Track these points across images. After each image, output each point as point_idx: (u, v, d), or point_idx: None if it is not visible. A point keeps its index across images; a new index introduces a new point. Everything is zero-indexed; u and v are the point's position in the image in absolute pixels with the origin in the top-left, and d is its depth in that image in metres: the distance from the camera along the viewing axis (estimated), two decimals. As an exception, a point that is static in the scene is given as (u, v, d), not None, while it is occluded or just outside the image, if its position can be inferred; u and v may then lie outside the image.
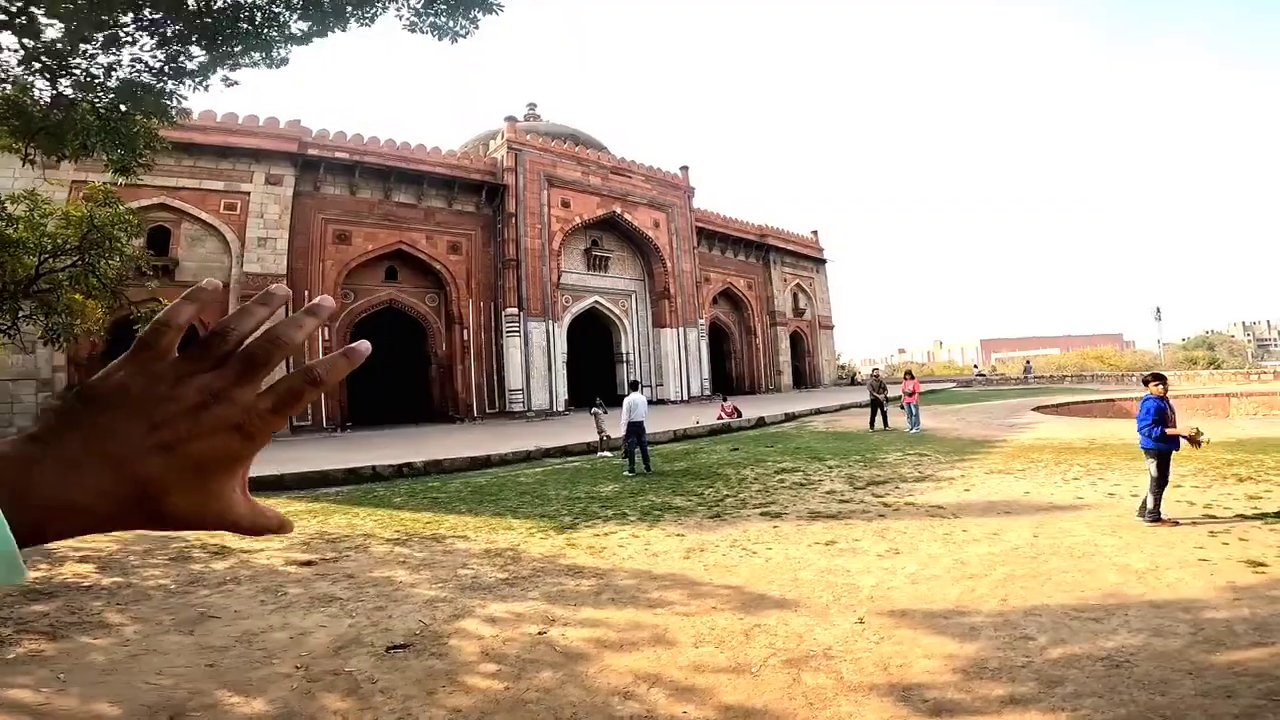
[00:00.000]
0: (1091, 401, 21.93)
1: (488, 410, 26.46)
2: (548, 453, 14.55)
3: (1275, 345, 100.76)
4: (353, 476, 12.36)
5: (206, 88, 7.24)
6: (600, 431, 14.68)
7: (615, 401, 31.80)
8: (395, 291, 26.11)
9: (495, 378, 26.85)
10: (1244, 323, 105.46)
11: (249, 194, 22.92)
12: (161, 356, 0.44)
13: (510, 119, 28.07)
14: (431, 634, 4.51)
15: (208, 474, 0.42)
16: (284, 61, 7.06)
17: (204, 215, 22.41)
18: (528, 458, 14.20)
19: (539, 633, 4.49)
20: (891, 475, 10.04)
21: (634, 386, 12.91)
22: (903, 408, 15.75)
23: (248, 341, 0.44)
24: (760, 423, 19.22)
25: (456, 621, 4.75)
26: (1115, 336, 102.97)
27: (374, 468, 12.69)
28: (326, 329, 23.86)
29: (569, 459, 14.07)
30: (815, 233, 45.35)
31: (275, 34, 6.79)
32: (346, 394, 25.22)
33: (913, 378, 15.89)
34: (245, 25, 6.58)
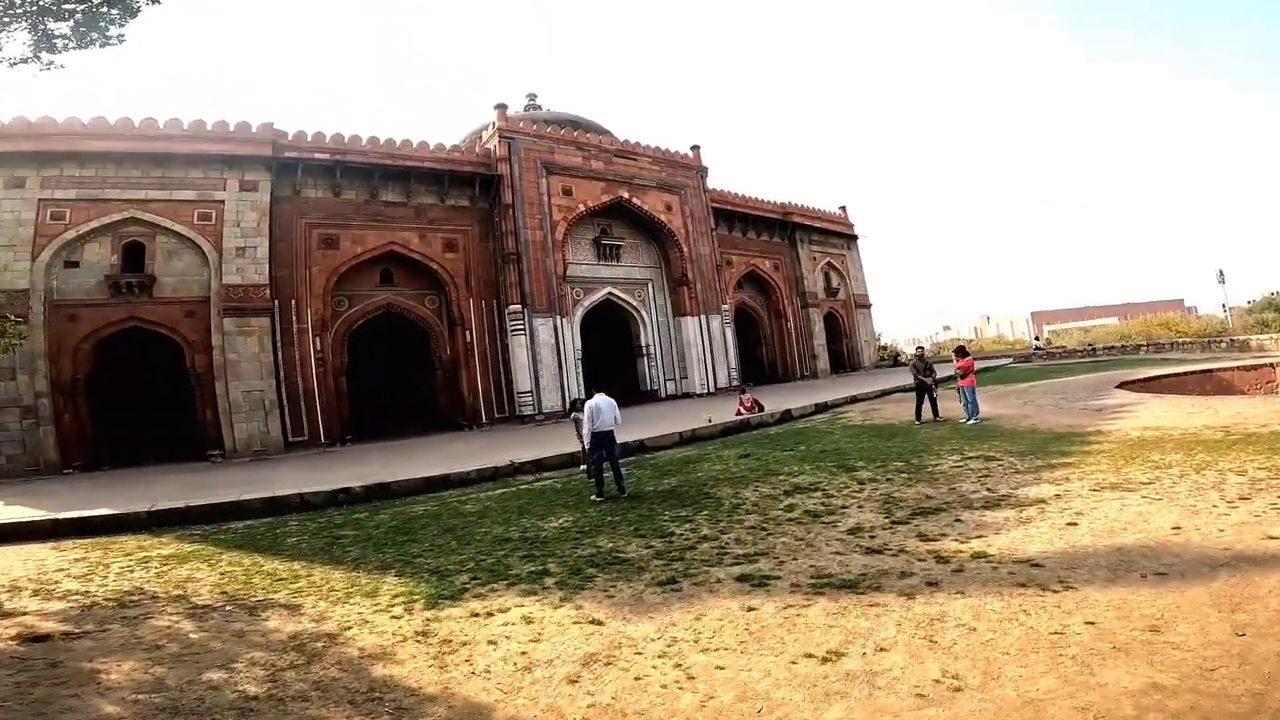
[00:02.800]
0: (1185, 374, 17.99)
1: (496, 415, 23.92)
2: (520, 469, 11.80)
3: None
4: (274, 507, 9.91)
5: None
6: (583, 441, 11.84)
7: (637, 400, 29.13)
8: (392, 295, 23.78)
9: (502, 380, 24.28)
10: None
11: (223, 202, 20.86)
12: None
13: (500, 106, 25.41)
14: None
15: None
16: None
17: (178, 227, 20.42)
18: (495, 475, 11.48)
19: None
20: (948, 495, 6.90)
21: (599, 388, 9.83)
22: (957, 392, 12.38)
23: None
24: (786, 417, 16.05)
25: None
26: (1176, 303, 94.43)
27: (302, 496, 10.18)
28: (319, 339, 21.74)
29: (544, 475, 11.29)
30: (844, 208, 41.36)
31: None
32: (349, 406, 23.03)
33: (966, 354, 12.51)
34: None
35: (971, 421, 11.77)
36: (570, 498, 9.07)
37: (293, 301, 21.33)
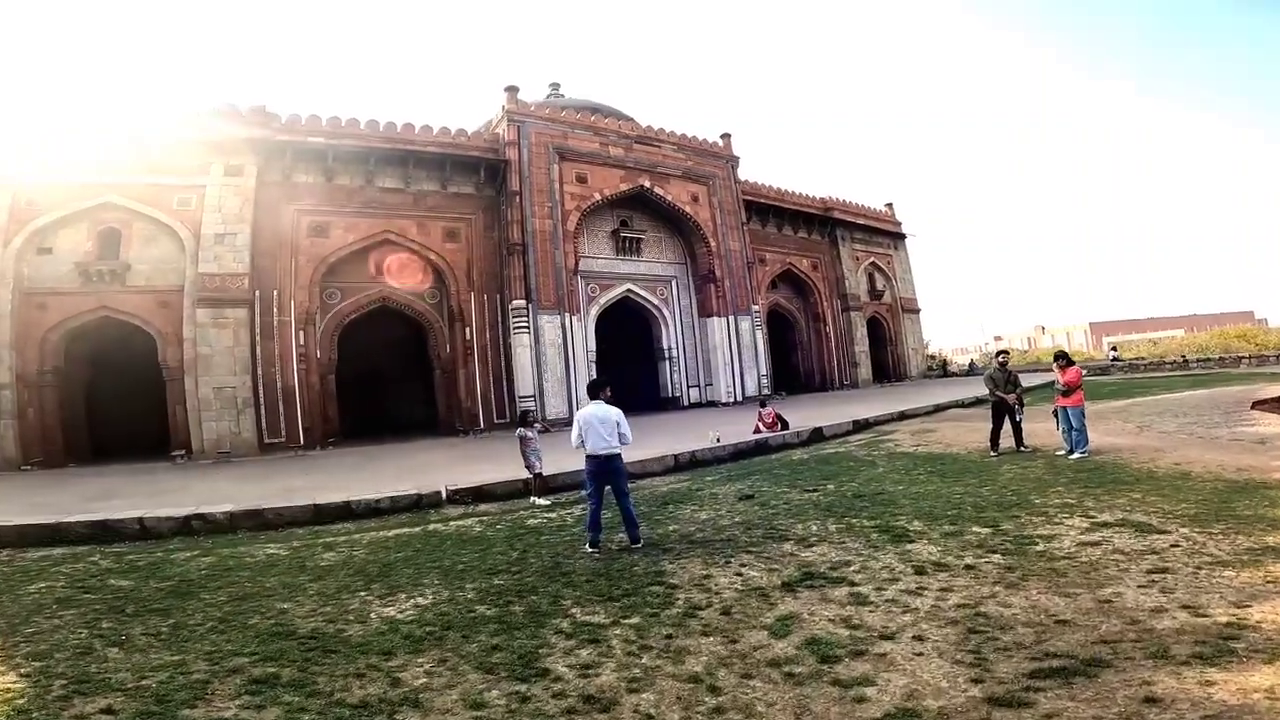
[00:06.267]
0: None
1: (496, 421, 20.92)
2: (454, 497, 8.61)
3: None
4: (103, 533, 7.12)
5: None
6: (530, 466, 8.61)
7: (656, 408, 25.56)
8: (387, 288, 21.11)
9: (504, 382, 21.30)
10: None
11: (205, 187, 18.54)
12: None
13: (511, 89, 22.52)
14: None
15: None
16: None
17: (156, 213, 18.19)
18: (417, 504, 8.35)
19: None
20: (1095, 618, 3.37)
21: (591, 392, 6.42)
22: (1054, 414, 8.54)
23: None
24: (815, 437, 12.43)
25: None
26: (1246, 314, 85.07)
27: (141, 521, 7.35)
28: (303, 334, 19.18)
29: (477, 509, 8.07)
30: (890, 205, 37.03)
31: None
32: (337, 407, 20.42)
33: (1072, 363, 8.67)
34: None
35: (1077, 455, 7.99)
36: (473, 553, 5.86)
37: (275, 292, 18.83)
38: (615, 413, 5.95)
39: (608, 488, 5.86)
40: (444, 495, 8.62)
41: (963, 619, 3.61)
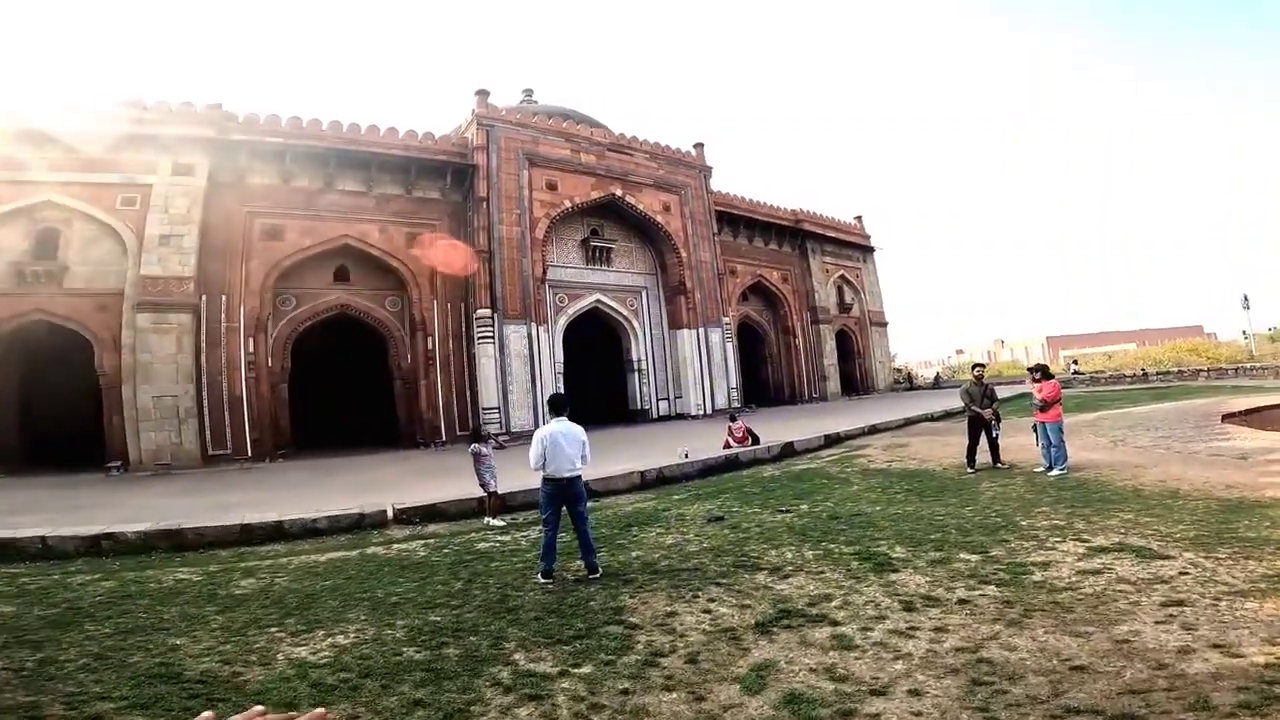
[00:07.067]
0: (1299, 403, 13.70)
1: (459, 433, 20.03)
2: (401, 516, 7.89)
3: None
4: (1, 552, 6.19)
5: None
6: (484, 484, 7.96)
7: (624, 420, 24.87)
8: (347, 295, 20.18)
9: (467, 394, 20.49)
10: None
11: (151, 186, 17.46)
12: None
13: (482, 92, 21.91)
14: None
15: None
16: None
17: (96, 212, 17.05)
18: (359, 524, 7.61)
19: None
20: (1116, 663, 2.88)
21: (556, 408, 5.64)
22: (1034, 429, 8.19)
23: None
24: (786, 452, 11.99)
25: None
26: (1195, 329, 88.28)
27: (44, 540, 6.51)
28: (253, 341, 18.13)
29: (427, 529, 7.37)
30: (859, 218, 37.23)
31: None
32: (289, 418, 19.36)
33: (1049, 377, 8.37)
34: None
35: (1056, 472, 7.65)
36: (412, 582, 5.20)
37: (224, 297, 17.78)
38: (581, 431, 5.42)
39: (565, 510, 5.28)
40: (390, 515, 7.90)
41: (964, 666, 3.11)
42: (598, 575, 5.10)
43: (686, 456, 10.72)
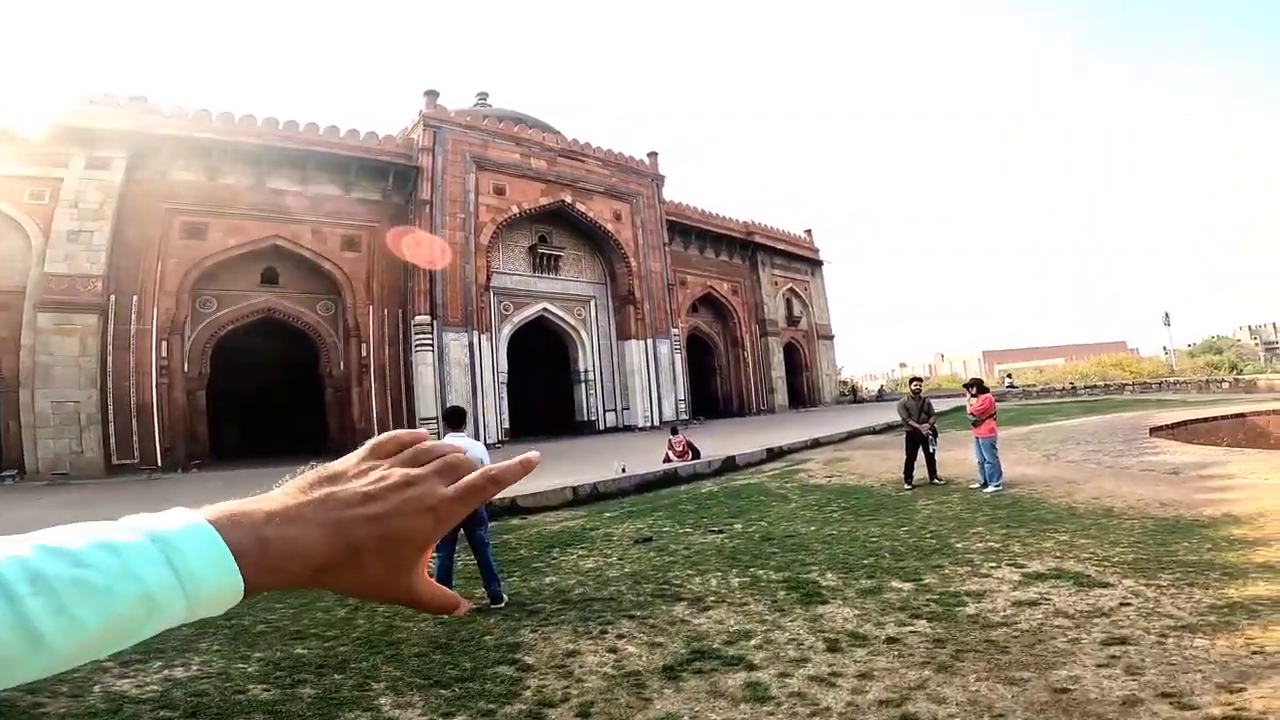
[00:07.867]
0: (1217, 419, 14.17)
1: (395, 446, 19.04)
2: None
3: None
4: None
5: None
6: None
7: (570, 432, 24.20)
8: (274, 298, 19.01)
9: (403, 403, 19.54)
10: (1250, 326, 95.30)
11: (62, 180, 16.05)
12: (383, 458, 0.49)
13: (431, 93, 21.12)
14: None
15: (401, 547, 0.45)
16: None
17: (3, 206, 15.59)
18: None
19: None
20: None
21: (451, 421, 5.11)
22: (978, 444, 7.99)
23: (447, 456, 0.48)
24: (727, 466, 11.65)
25: None
26: (1119, 344, 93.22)
27: None
28: (166, 344, 16.82)
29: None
30: (809, 231, 37.76)
31: None
32: (207, 426, 18.04)
33: (985, 390, 8.25)
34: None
35: (991, 489, 7.49)
36: (290, 608, 4.56)
37: (135, 298, 16.45)
38: (482, 449, 4.93)
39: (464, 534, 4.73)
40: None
41: (889, 726, 2.70)
42: (501, 605, 4.56)
43: (624, 471, 10.23)
